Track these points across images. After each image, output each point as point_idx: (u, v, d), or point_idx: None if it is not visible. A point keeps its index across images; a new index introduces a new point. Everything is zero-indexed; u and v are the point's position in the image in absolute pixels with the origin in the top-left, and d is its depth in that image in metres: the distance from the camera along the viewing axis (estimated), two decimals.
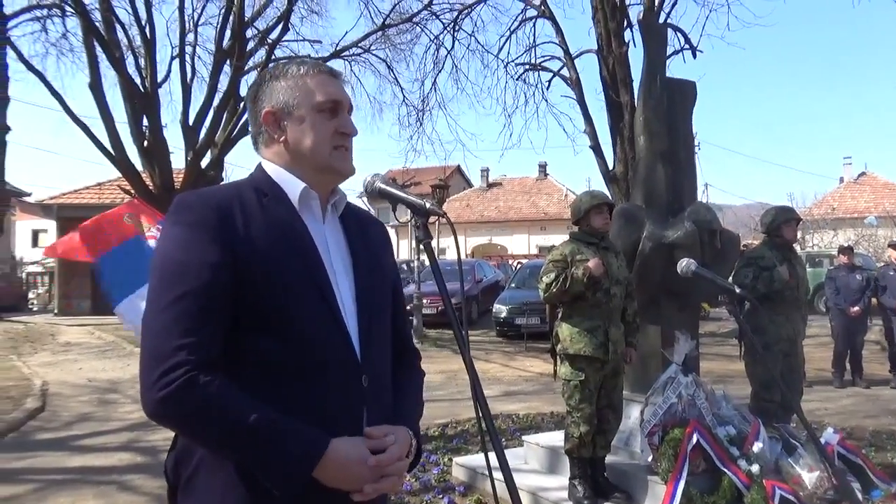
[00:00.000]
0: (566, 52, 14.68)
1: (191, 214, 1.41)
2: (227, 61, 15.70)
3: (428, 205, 1.46)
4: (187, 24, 16.32)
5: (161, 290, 1.36)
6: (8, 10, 17.10)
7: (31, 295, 26.68)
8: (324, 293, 1.44)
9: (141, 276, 3.79)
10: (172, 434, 1.47)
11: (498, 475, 1.39)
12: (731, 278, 5.12)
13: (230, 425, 1.30)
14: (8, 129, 19.27)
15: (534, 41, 15.42)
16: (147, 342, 1.35)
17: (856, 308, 9.35)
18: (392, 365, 1.60)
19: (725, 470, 3.99)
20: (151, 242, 4.74)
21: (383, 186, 1.52)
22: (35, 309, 24.62)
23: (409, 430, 1.50)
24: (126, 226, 4.93)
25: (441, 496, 4.80)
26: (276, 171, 1.53)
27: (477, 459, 5.25)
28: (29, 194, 25.88)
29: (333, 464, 1.34)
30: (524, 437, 5.56)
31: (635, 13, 13.53)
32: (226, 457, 1.35)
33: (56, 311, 21.03)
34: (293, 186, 1.50)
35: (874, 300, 9.62)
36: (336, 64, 17.00)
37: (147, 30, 15.33)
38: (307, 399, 1.39)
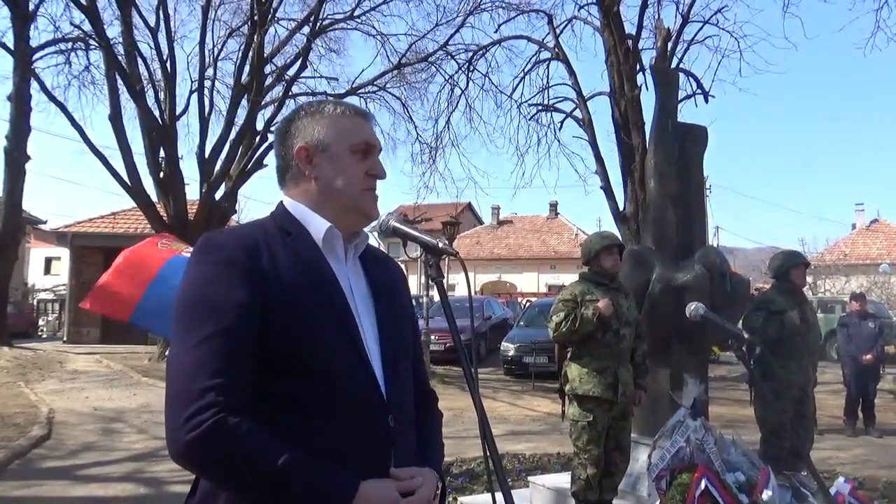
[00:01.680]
0: (579, 93, 14.88)
1: (219, 253, 1.39)
2: (245, 96, 15.99)
3: (441, 244, 1.46)
4: (207, 59, 16.68)
5: (189, 330, 1.33)
6: (34, 43, 17.66)
7: (41, 322, 26.80)
8: (350, 334, 1.43)
9: None
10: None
11: None
12: (741, 322, 5.10)
13: (259, 469, 1.27)
14: (28, 158, 19.61)
15: (547, 82, 15.71)
16: (174, 382, 1.31)
17: (868, 356, 9.25)
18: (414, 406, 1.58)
19: None
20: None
21: (398, 225, 1.54)
22: (45, 336, 24.71)
23: (434, 472, 1.47)
24: (162, 251, 4.96)
25: None
26: (299, 210, 1.51)
27: (482, 499, 5.19)
28: (44, 222, 26.14)
29: None
30: (530, 478, 5.49)
31: (648, 58, 13.75)
32: (253, 501, 1.32)
33: (65, 338, 21.05)
34: (317, 225, 1.48)
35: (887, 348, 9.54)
36: (352, 101, 17.26)
37: (168, 64, 15.68)
38: (335, 440, 1.36)
